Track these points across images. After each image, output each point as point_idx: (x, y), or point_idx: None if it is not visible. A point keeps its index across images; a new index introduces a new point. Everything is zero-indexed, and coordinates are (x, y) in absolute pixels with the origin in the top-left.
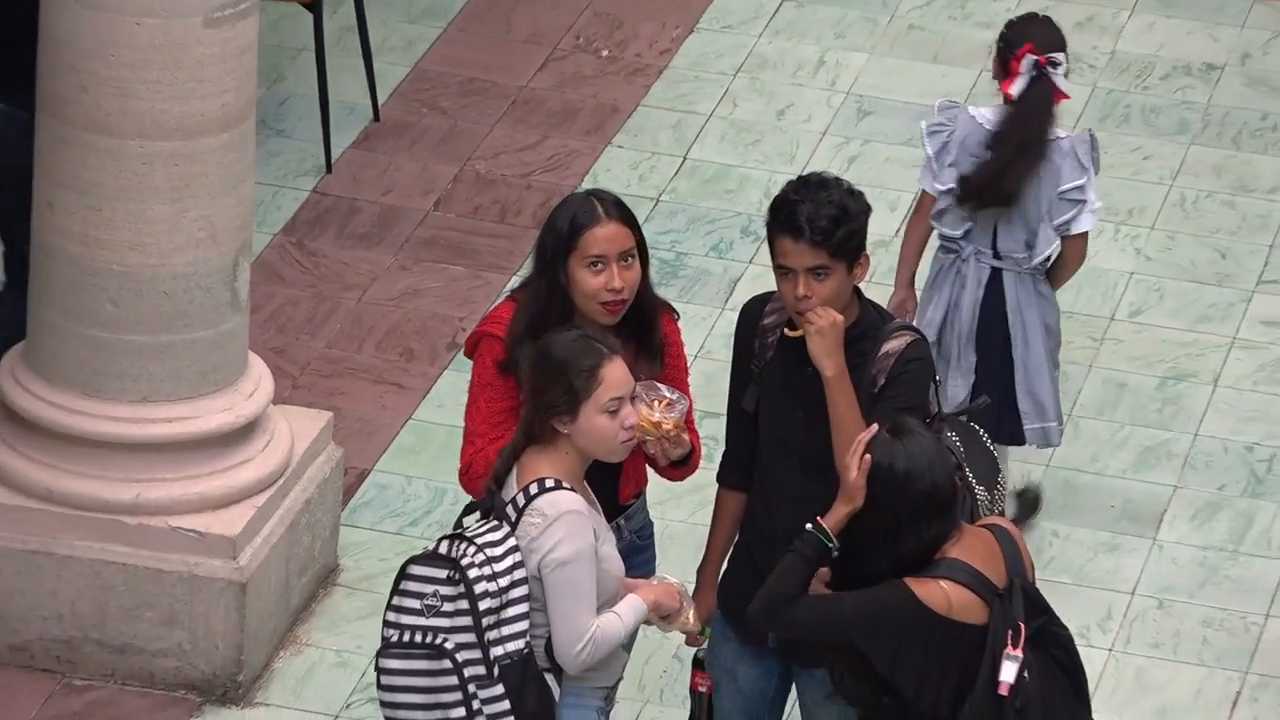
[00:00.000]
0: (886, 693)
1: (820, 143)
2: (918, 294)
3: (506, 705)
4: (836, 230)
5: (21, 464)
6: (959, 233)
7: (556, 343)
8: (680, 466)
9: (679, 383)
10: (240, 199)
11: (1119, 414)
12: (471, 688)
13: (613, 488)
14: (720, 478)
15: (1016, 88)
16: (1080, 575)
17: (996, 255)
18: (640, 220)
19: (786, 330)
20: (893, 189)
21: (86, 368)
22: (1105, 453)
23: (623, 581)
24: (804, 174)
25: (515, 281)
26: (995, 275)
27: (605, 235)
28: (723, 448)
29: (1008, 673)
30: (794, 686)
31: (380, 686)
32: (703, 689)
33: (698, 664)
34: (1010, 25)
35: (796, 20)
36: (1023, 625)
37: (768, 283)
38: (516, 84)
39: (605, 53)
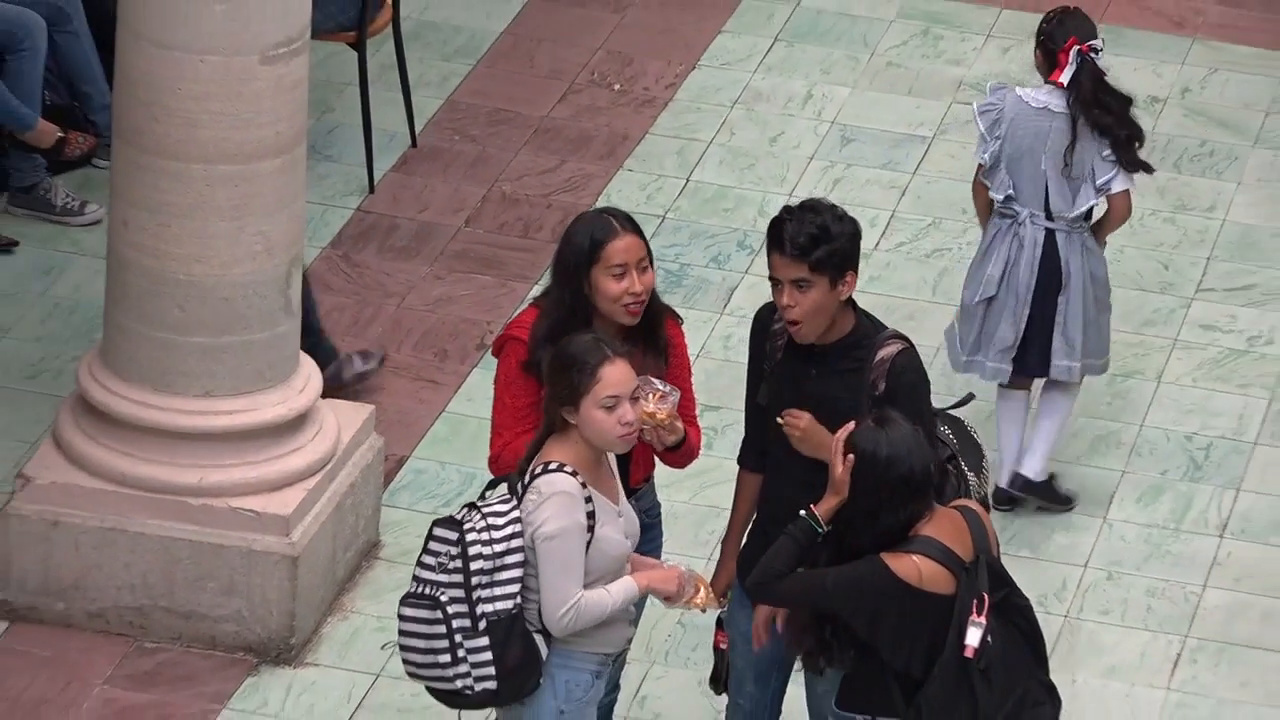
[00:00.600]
0: (866, 655)
1: (808, 167)
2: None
3: (489, 657)
4: (816, 248)
5: (99, 452)
6: (1003, 196)
7: (572, 342)
8: (675, 452)
9: (682, 381)
10: (292, 216)
11: (1074, 407)
12: (458, 638)
13: (624, 473)
14: (740, 461)
15: (1066, 75)
16: (1039, 550)
17: (1049, 217)
18: (647, 235)
19: (785, 420)
20: (872, 208)
21: (157, 366)
22: (1061, 441)
23: (630, 559)
24: (803, 200)
25: (537, 290)
26: (1049, 236)
27: (624, 246)
28: (721, 437)
29: (973, 637)
30: None
31: (399, 632)
32: (723, 647)
33: (720, 624)
34: (1049, 20)
35: (787, 58)
36: (986, 595)
37: (763, 290)
38: (538, 114)
39: (617, 87)
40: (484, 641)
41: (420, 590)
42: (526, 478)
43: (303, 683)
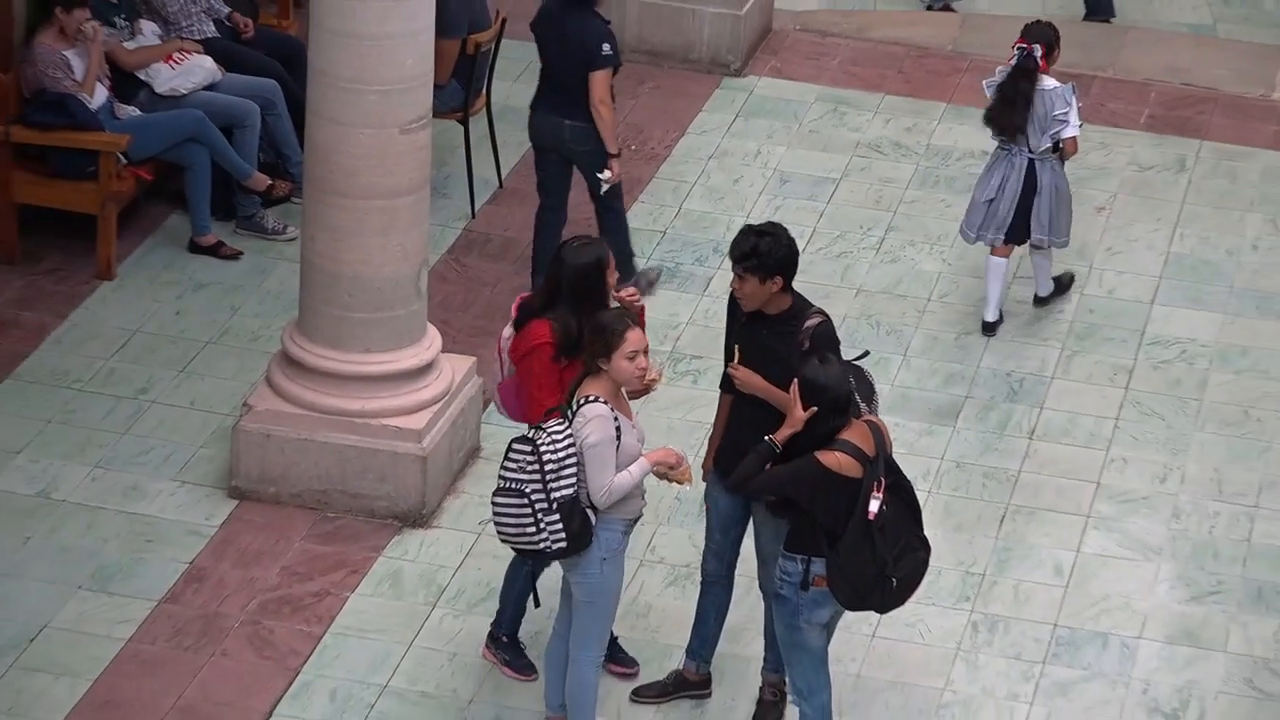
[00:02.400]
0: (805, 517)
1: (758, 199)
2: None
3: (560, 526)
4: (746, 259)
5: (296, 389)
6: (1002, 136)
7: (605, 315)
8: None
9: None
10: (421, 233)
11: (934, 354)
12: (539, 515)
13: None
14: (721, 388)
15: (1013, 62)
16: (912, 449)
17: (1030, 151)
18: (653, 246)
19: (729, 368)
20: (800, 225)
21: (333, 332)
22: (925, 377)
23: (641, 452)
24: (761, 224)
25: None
26: (1030, 162)
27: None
28: (703, 377)
29: (873, 506)
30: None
31: (492, 513)
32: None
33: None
34: (1024, 27)
35: (744, 128)
36: (883, 479)
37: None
38: None
39: (634, 147)
40: (556, 516)
41: (507, 485)
42: (575, 407)
43: (430, 539)
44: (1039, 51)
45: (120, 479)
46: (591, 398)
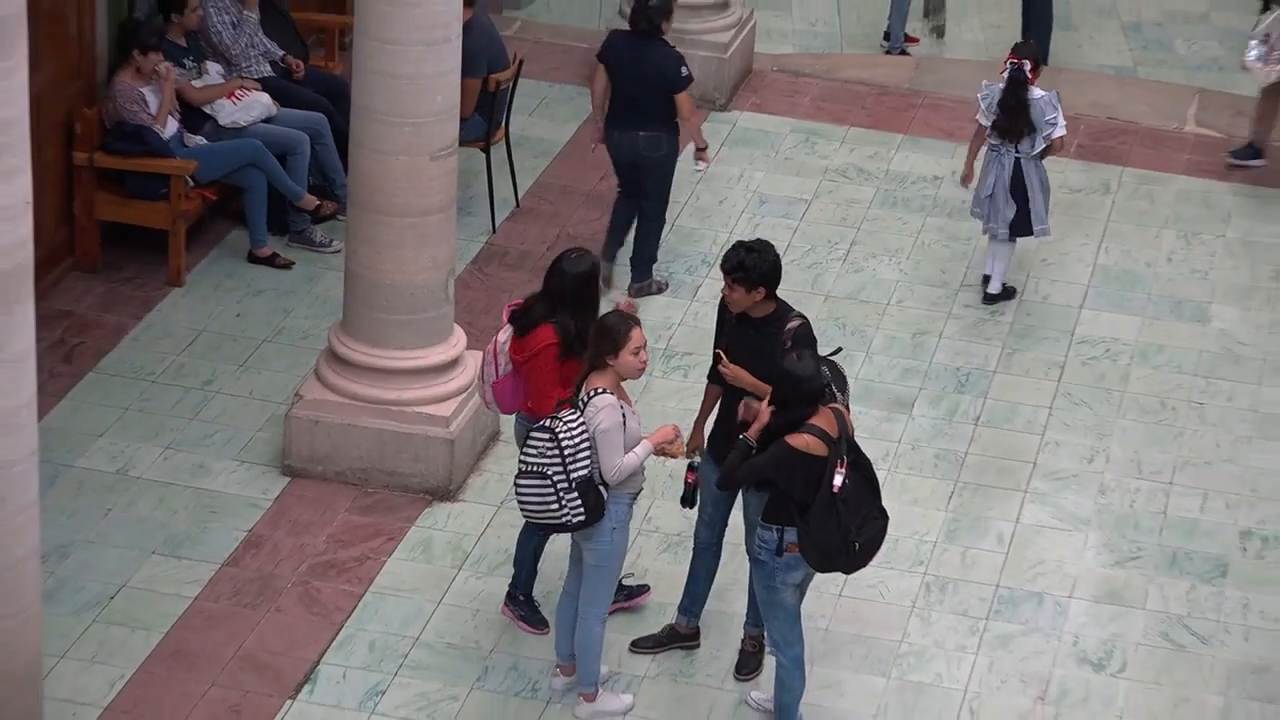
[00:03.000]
0: (780, 491)
1: (740, 217)
2: (975, 172)
3: (579, 501)
4: (734, 271)
5: (341, 381)
6: (997, 141)
7: (609, 316)
8: None
9: None
10: (449, 246)
11: (893, 351)
12: (561, 493)
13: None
14: (709, 379)
15: (1005, 76)
16: (874, 433)
17: (1017, 151)
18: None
19: (720, 366)
20: (777, 240)
21: (373, 332)
22: (885, 371)
23: (642, 435)
24: (751, 240)
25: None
26: (1017, 162)
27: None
28: (693, 370)
29: (837, 480)
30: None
31: (516, 495)
32: (691, 480)
33: (690, 469)
34: (1015, 46)
35: (728, 156)
36: (845, 457)
37: (719, 289)
38: (588, 188)
39: None
40: (575, 494)
41: (530, 469)
42: (584, 398)
43: (456, 511)
44: (1028, 66)
45: (188, 458)
46: (599, 390)
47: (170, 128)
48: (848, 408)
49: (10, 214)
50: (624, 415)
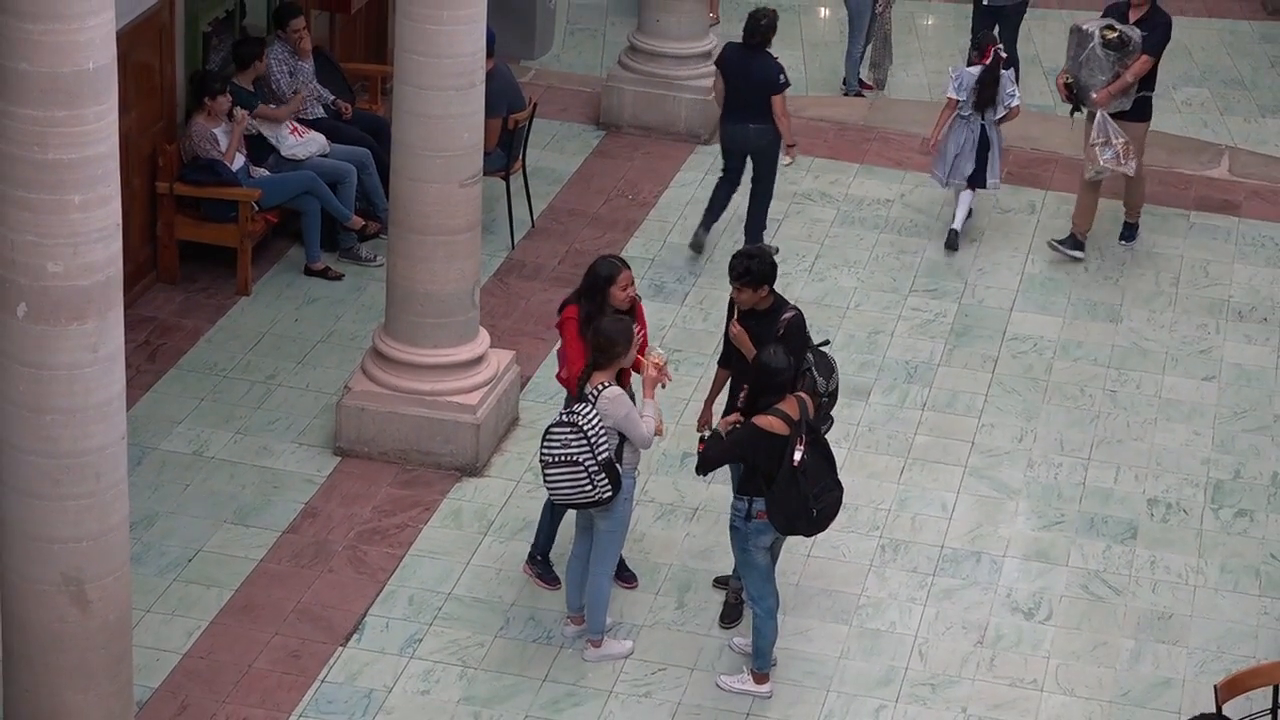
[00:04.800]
0: (750, 464)
1: (721, 234)
2: (939, 138)
3: (605, 479)
4: (742, 276)
5: (383, 374)
6: (967, 113)
7: (606, 326)
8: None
9: (641, 324)
10: (475, 260)
11: (852, 348)
12: (592, 475)
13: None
14: (720, 363)
15: (988, 59)
16: (836, 417)
17: (982, 119)
18: (647, 268)
19: (731, 326)
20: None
21: (412, 333)
22: (844, 365)
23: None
24: (749, 248)
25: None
26: (982, 127)
27: (624, 276)
28: (679, 366)
29: (797, 456)
30: None
31: (547, 484)
32: (703, 450)
33: (701, 440)
34: (982, 36)
35: (710, 183)
36: (804, 436)
37: (700, 294)
38: (593, 211)
39: (630, 197)
40: (603, 474)
41: (557, 459)
42: (595, 393)
43: (482, 485)
44: (1003, 50)
45: (255, 441)
46: (606, 384)
47: (238, 161)
48: (833, 394)
49: (104, 234)
50: (631, 397)
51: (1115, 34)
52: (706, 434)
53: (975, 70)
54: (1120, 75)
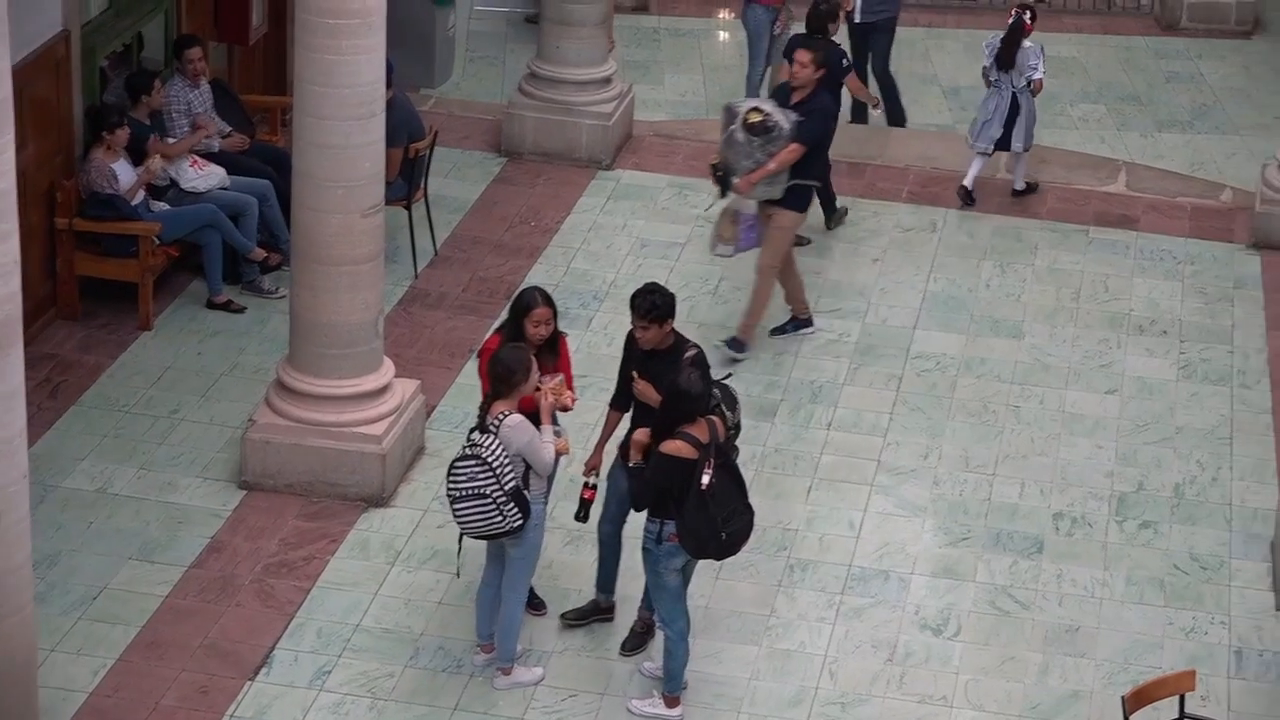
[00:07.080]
0: (662, 490)
1: (625, 259)
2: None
3: (514, 508)
4: (650, 312)
5: (288, 406)
6: (997, 76)
7: (506, 356)
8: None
9: (565, 369)
10: (378, 290)
11: (757, 368)
12: (500, 506)
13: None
14: (610, 405)
15: (1010, 22)
16: (742, 438)
17: (1013, 86)
18: (552, 292)
19: (634, 383)
20: (657, 278)
21: (316, 363)
22: (751, 386)
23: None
24: (648, 284)
25: (495, 324)
26: (1013, 95)
27: (540, 311)
28: (587, 393)
29: (705, 479)
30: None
31: (457, 518)
32: (587, 498)
33: (586, 486)
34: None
35: (613, 208)
36: (712, 459)
37: (604, 320)
38: (495, 238)
39: (533, 224)
40: (511, 503)
41: (464, 494)
42: (495, 423)
43: (389, 515)
44: (1028, 16)
45: (159, 477)
46: (507, 413)
47: (138, 196)
48: (738, 426)
49: (2, 271)
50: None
51: (760, 118)
52: (594, 480)
53: (996, 41)
54: (762, 164)
